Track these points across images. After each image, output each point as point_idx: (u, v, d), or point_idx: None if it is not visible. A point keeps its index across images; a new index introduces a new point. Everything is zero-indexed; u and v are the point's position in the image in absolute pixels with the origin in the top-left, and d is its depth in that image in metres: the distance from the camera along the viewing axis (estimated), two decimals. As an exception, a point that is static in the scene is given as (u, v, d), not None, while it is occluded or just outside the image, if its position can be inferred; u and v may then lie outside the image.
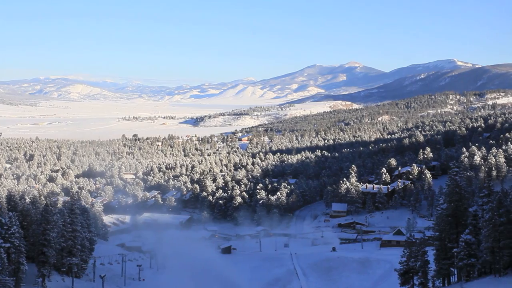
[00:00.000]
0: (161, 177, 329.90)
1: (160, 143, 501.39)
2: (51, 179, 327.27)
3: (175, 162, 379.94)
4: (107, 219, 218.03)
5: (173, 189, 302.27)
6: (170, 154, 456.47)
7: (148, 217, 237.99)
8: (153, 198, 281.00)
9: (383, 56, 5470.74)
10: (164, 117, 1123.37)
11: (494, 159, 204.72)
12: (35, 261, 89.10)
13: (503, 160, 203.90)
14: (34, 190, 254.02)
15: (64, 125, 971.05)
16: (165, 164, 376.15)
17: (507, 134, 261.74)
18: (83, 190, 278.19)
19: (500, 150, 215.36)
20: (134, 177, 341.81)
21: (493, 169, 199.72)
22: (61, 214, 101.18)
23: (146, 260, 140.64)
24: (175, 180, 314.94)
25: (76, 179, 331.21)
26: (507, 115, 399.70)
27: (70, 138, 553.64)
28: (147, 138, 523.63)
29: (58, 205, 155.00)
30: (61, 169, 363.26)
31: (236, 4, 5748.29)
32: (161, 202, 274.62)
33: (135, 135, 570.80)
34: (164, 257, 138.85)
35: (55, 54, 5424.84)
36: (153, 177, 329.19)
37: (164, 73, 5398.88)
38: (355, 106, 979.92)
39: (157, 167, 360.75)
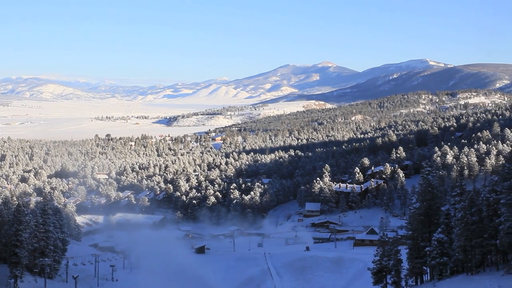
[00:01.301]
0: (135, 177, 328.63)
1: (133, 143, 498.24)
2: (23, 180, 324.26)
3: (148, 162, 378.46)
4: (80, 219, 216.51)
5: (147, 189, 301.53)
6: (144, 154, 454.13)
7: (121, 217, 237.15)
8: (126, 198, 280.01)
9: (356, 56, 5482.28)
10: (137, 117, 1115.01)
11: (466, 158, 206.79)
12: (7, 262, 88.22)
13: (475, 159, 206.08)
14: (6, 190, 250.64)
15: (36, 125, 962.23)
16: (138, 164, 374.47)
17: (478, 134, 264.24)
18: (56, 191, 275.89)
19: (472, 149, 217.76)
20: (107, 177, 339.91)
21: (465, 168, 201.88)
22: (33, 215, 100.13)
23: (120, 260, 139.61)
24: (149, 180, 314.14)
25: (49, 179, 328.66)
26: (478, 114, 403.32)
27: (43, 138, 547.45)
28: (120, 138, 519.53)
29: (31, 205, 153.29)
30: (33, 169, 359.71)
31: (208, 4, 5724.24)
32: (134, 202, 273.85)
33: (108, 135, 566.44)
34: (137, 257, 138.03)
35: (27, 53, 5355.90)
36: (126, 177, 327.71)
37: (137, 73, 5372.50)
38: (329, 105, 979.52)
39: (130, 167, 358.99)
